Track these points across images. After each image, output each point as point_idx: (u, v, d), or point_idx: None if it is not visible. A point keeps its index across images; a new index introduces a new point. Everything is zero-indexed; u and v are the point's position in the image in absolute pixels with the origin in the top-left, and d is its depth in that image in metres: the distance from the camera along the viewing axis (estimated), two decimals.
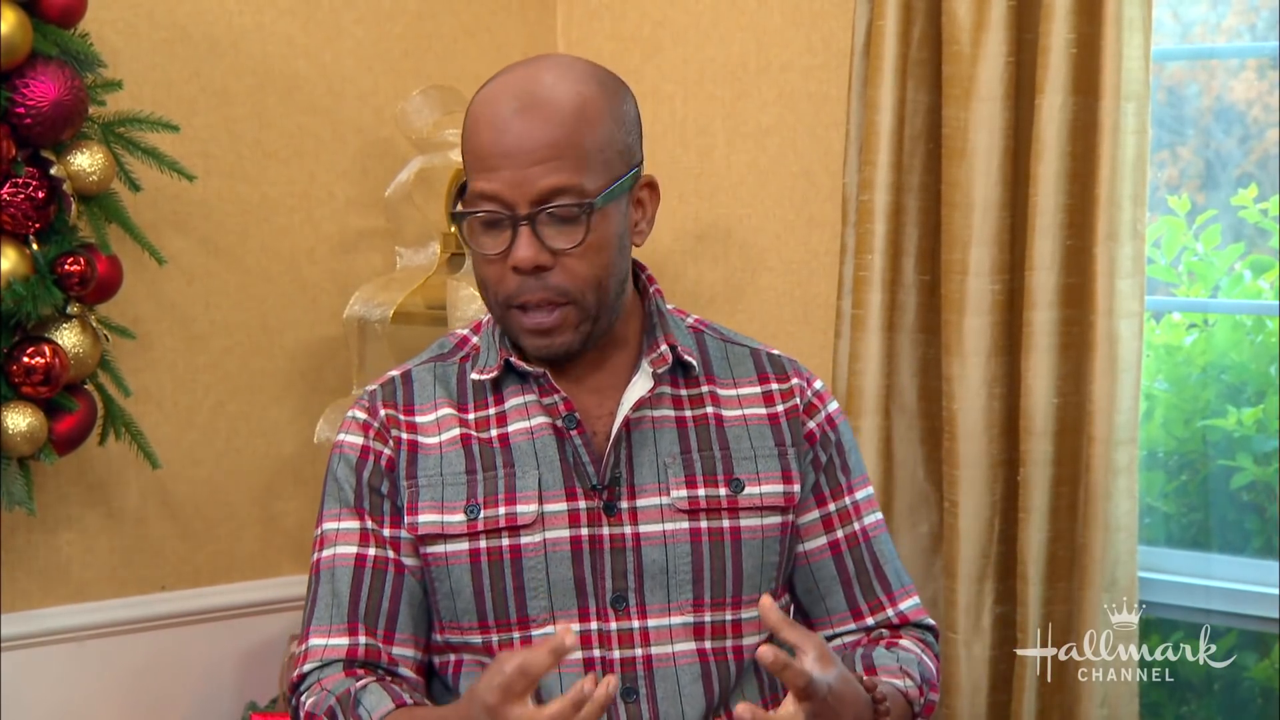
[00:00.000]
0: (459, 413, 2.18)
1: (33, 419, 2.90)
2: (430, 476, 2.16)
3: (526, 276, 2.03)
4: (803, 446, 2.17)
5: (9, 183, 2.86)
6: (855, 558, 2.20)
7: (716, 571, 2.11)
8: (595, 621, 2.11)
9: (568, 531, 2.12)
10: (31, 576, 3.09)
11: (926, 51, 3.02)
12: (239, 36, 3.28)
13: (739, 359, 2.21)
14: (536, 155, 2.00)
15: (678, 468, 2.12)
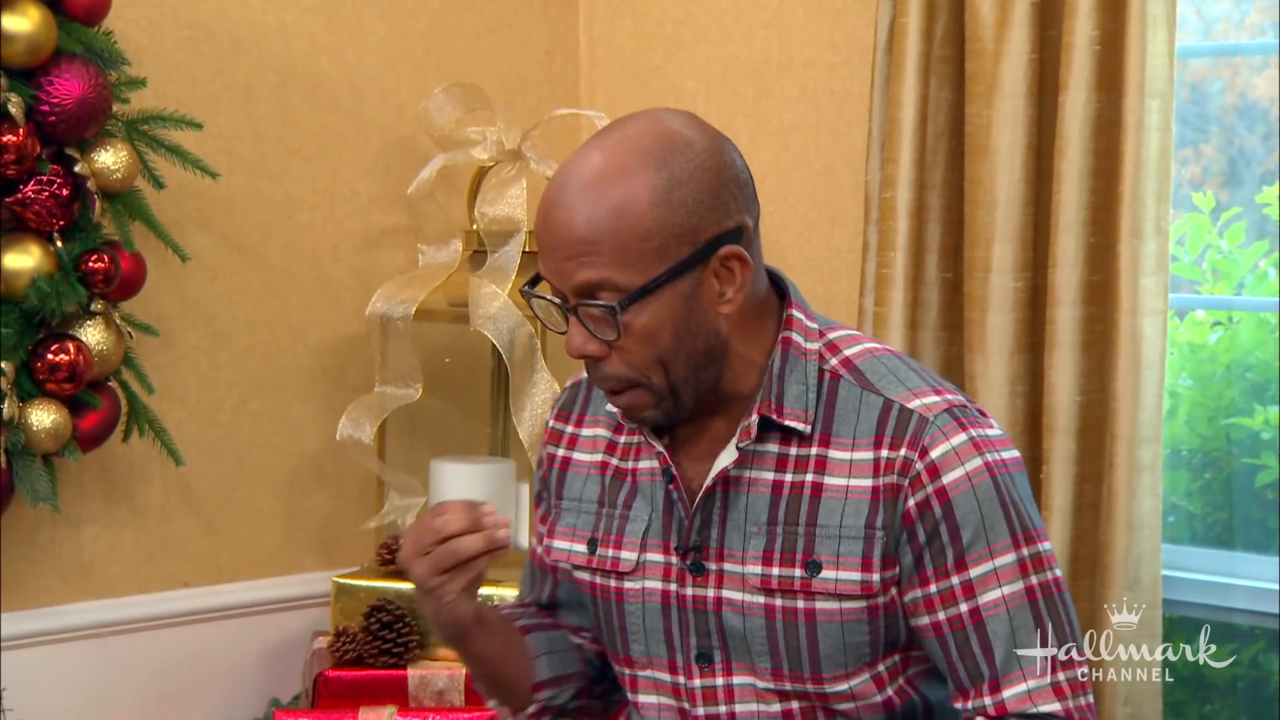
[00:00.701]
0: (613, 434, 2.18)
1: (57, 416, 2.92)
2: (572, 501, 2.20)
3: (586, 362, 2.02)
4: (897, 529, 2.02)
5: (33, 180, 2.88)
6: (959, 641, 2.03)
7: (792, 649, 2.05)
8: (682, 676, 2.12)
9: (660, 585, 2.11)
10: (55, 573, 3.11)
11: (949, 49, 3.00)
12: (262, 34, 3.28)
13: (867, 413, 2.05)
14: (569, 250, 1.95)
15: (760, 540, 2.05)
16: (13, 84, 2.83)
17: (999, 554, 2.01)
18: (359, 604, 3.10)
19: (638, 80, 3.62)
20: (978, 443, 2.02)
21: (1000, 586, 2.01)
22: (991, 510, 2.01)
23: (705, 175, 1.97)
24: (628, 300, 1.94)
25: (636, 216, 1.94)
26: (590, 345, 1.98)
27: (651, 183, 1.94)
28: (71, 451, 2.96)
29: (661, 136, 1.98)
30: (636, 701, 2.16)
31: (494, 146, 3.30)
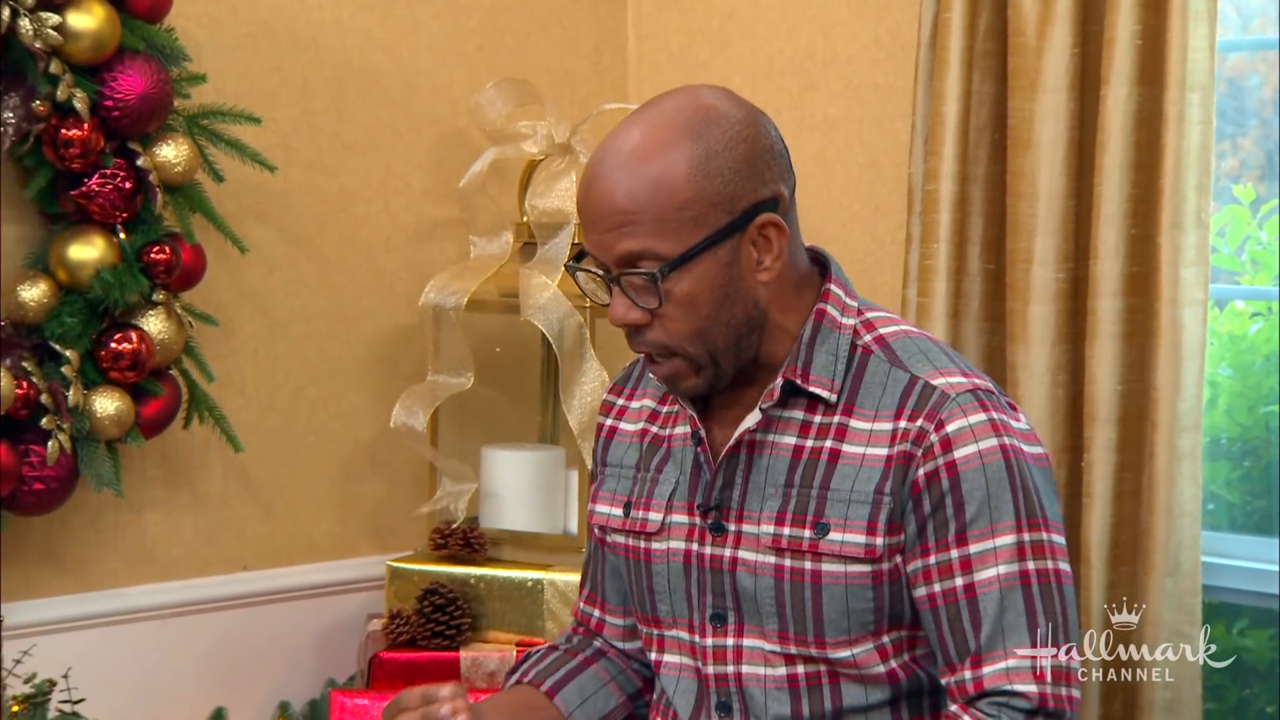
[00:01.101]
0: (657, 404, 2.22)
1: (120, 403, 2.95)
2: (614, 467, 2.24)
3: (628, 331, 2.05)
4: (905, 496, 2.03)
5: (98, 174, 2.91)
6: (950, 614, 2.03)
7: (797, 611, 2.06)
8: (697, 635, 2.14)
9: (683, 545, 2.13)
10: (119, 556, 3.14)
11: (992, 43, 3.00)
12: (319, 31, 3.30)
13: (892, 389, 2.06)
14: (611, 221, 1.99)
15: (775, 501, 2.07)
16: (78, 80, 2.85)
17: (1001, 534, 2.01)
18: (413, 587, 3.12)
19: (684, 75, 3.62)
20: (996, 425, 2.02)
21: (997, 565, 2.01)
22: (999, 490, 2.02)
23: (741, 146, 2.00)
24: (668, 267, 1.98)
25: (674, 188, 1.97)
26: (632, 314, 2.01)
27: (689, 154, 1.98)
28: (134, 438, 2.99)
29: (697, 110, 2.01)
30: (661, 660, 2.19)
31: (544, 140, 3.31)
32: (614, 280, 2.01)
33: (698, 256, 1.98)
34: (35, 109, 2.85)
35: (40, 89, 2.85)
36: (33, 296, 2.91)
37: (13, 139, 2.86)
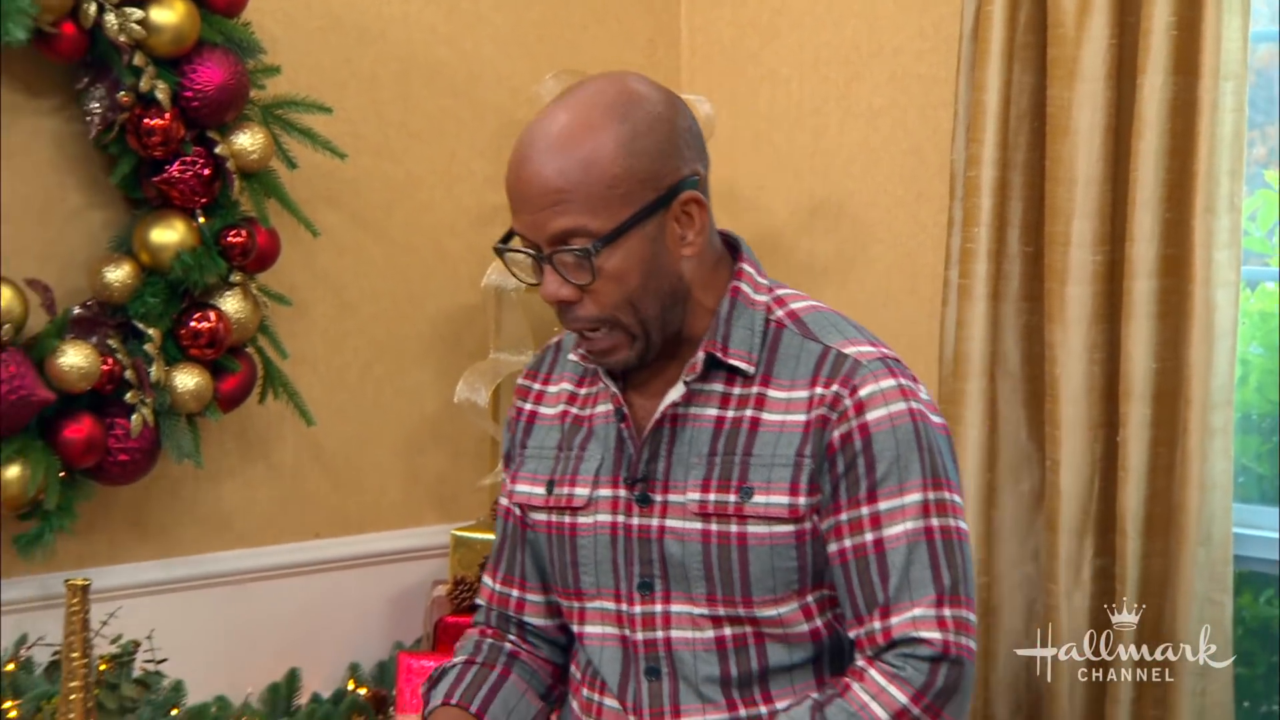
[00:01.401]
0: (575, 387, 2.21)
1: (199, 379, 2.97)
2: (534, 449, 2.22)
3: (560, 307, 2.05)
4: (821, 457, 2.05)
5: (178, 161, 2.93)
6: (859, 568, 2.05)
7: (725, 572, 2.07)
8: (624, 603, 2.13)
9: (610, 517, 2.13)
10: (197, 524, 3.17)
11: (1032, 35, 2.99)
12: (387, 25, 3.32)
13: (806, 359, 2.09)
14: (543, 200, 1.99)
15: (700, 470, 2.08)
16: (160, 72, 2.87)
17: (908, 492, 2.04)
18: (475, 555, 3.13)
19: (735, 66, 3.62)
20: (905, 390, 2.05)
21: (904, 522, 2.04)
22: (908, 451, 2.04)
23: (663, 126, 2.02)
24: (601, 243, 1.98)
25: (603, 166, 1.98)
26: (564, 290, 2.01)
27: (615, 135, 1.99)
28: (212, 412, 3.01)
29: (620, 94, 2.02)
30: (583, 633, 2.18)
31: None
32: (546, 259, 2.01)
33: (628, 233, 1.99)
34: (120, 99, 2.87)
35: (125, 81, 2.87)
36: (117, 278, 2.93)
37: (99, 128, 2.89)
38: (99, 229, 3.01)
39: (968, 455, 3.05)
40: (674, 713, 2.11)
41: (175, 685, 2.97)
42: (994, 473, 3.06)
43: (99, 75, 2.89)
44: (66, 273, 2.98)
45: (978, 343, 3.05)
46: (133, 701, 2.90)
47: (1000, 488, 3.07)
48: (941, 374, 3.11)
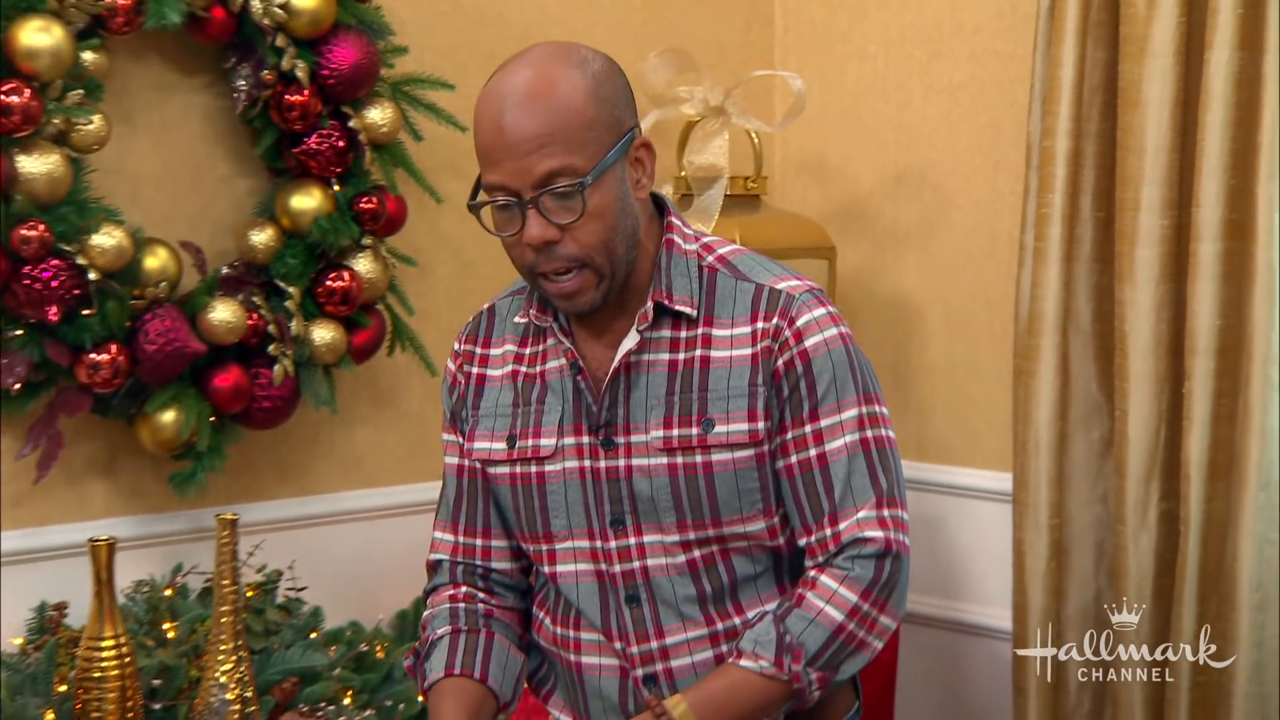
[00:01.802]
0: (519, 348, 2.22)
1: (334, 333, 3.00)
2: (488, 408, 2.22)
3: (541, 250, 2.03)
4: (771, 383, 2.10)
5: (316, 134, 2.94)
6: (806, 480, 2.11)
7: (693, 499, 2.10)
8: (599, 540, 2.16)
9: (577, 463, 2.15)
10: (333, 466, 3.18)
11: (1105, 14, 2.98)
12: (504, 8, 3.32)
13: (742, 298, 2.12)
14: (530, 145, 1.99)
15: (660, 409, 2.11)
16: (300, 52, 2.89)
17: (845, 408, 2.10)
18: None
19: (825, 44, 3.62)
20: (834, 317, 2.12)
21: (844, 435, 2.10)
22: (843, 371, 2.11)
23: (616, 77, 2.09)
24: (590, 178, 1.99)
25: (578, 109, 2.00)
26: (549, 231, 2.02)
27: (582, 82, 2.03)
28: (346, 363, 3.04)
29: (570, 51, 2.06)
30: (555, 573, 2.19)
31: (700, 104, 3.32)
32: (531, 203, 2.01)
33: (607, 170, 2.02)
34: (264, 78, 2.89)
35: (268, 60, 2.88)
36: (261, 240, 2.95)
37: (245, 104, 2.91)
38: (245, 196, 3.03)
39: (1041, 406, 3.07)
40: (657, 634, 2.15)
41: (314, 611, 2.99)
42: (1066, 422, 3.07)
43: (245, 55, 2.91)
44: (216, 236, 2.99)
45: (1051, 302, 3.06)
46: (276, 625, 2.92)
47: (1071, 436, 3.08)
48: (1017, 331, 3.11)
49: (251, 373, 2.92)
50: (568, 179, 2.00)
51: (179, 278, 2.86)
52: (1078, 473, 3.08)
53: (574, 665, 2.21)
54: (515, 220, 2.03)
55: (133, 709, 2.62)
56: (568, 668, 2.22)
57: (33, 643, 2.77)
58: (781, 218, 3.44)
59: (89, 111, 2.71)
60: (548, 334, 2.17)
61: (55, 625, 2.80)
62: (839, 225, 3.56)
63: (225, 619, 2.61)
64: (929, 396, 3.50)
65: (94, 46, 2.72)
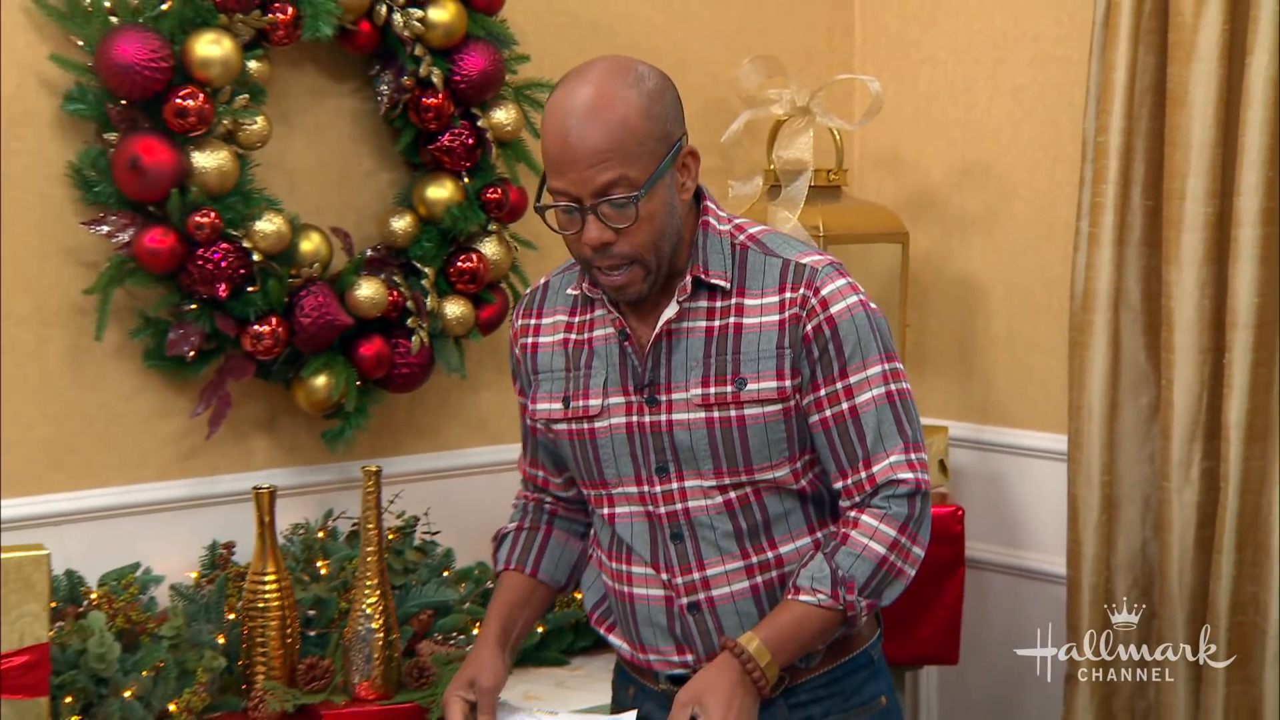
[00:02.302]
0: (568, 317, 2.24)
1: (464, 308, 3.02)
2: (544, 372, 2.25)
3: (598, 250, 2.07)
4: (799, 347, 2.11)
5: (448, 132, 2.96)
6: (840, 431, 2.13)
7: (729, 449, 2.13)
8: (646, 485, 2.19)
9: (624, 419, 2.17)
10: (462, 425, 3.19)
11: (1155, 21, 2.97)
12: (613, 20, 3.32)
13: (771, 271, 2.14)
14: (591, 159, 2.01)
15: (698, 370, 2.13)
16: (435, 60, 2.91)
17: (870, 365, 2.13)
18: None
19: (899, 51, 3.62)
20: (853, 286, 2.15)
21: (871, 390, 2.13)
22: (865, 333, 2.13)
23: (667, 94, 2.09)
24: (643, 190, 2.02)
25: (633, 127, 2.02)
26: (606, 234, 2.04)
27: (637, 101, 2.04)
28: (474, 335, 3.05)
29: (628, 70, 2.07)
30: (613, 514, 2.23)
31: (788, 104, 3.32)
32: (590, 210, 2.03)
33: (657, 181, 2.04)
34: (404, 83, 2.91)
35: (407, 68, 2.90)
36: (400, 226, 2.98)
37: (387, 106, 2.94)
38: (386, 187, 3.04)
39: (1094, 375, 3.06)
40: (699, 567, 2.18)
41: (446, 553, 3.02)
42: (1116, 390, 3.07)
43: (387, 64, 2.93)
44: (361, 222, 3.01)
45: (1104, 282, 3.05)
46: (413, 564, 2.96)
47: (1121, 403, 3.07)
48: (1072, 308, 3.11)
49: (392, 343, 2.93)
50: (624, 190, 2.02)
51: (330, 259, 2.88)
52: (1127, 435, 3.07)
53: (627, 597, 2.24)
54: (576, 222, 2.06)
55: (291, 635, 2.67)
56: (622, 599, 2.25)
57: (206, 576, 2.82)
58: (860, 206, 3.45)
59: (253, 113, 2.75)
60: (596, 305, 2.20)
61: (224, 562, 2.84)
62: (911, 213, 3.55)
63: (370, 558, 2.63)
64: (992, 366, 3.49)
65: (258, 56, 2.76)
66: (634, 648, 2.27)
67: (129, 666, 2.56)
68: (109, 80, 2.63)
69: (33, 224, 2.71)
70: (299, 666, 2.68)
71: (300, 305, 2.81)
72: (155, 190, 2.67)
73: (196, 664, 2.61)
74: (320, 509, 3.00)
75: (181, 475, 2.88)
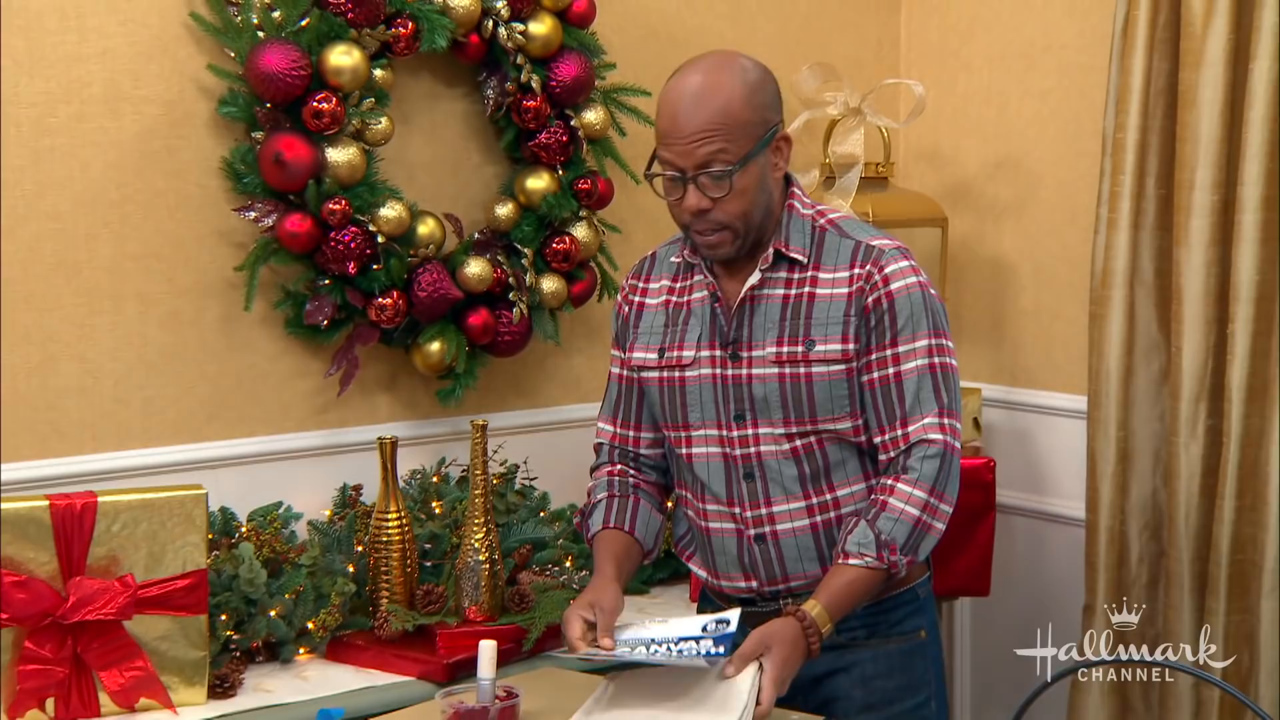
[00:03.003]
0: (671, 282, 2.28)
1: (558, 284, 3.03)
2: (645, 327, 2.29)
3: (695, 215, 2.12)
4: (861, 316, 2.14)
5: (545, 131, 2.97)
6: (884, 392, 2.15)
7: (797, 401, 2.16)
8: (725, 430, 2.21)
9: (710, 370, 2.20)
10: (556, 385, 3.20)
11: (1168, 32, 2.95)
12: (689, 33, 3.31)
13: (844, 250, 2.17)
14: (695, 136, 2.07)
15: (774, 331, 2.16)
16: (534, 68, 2.92)
17: (919, 339, 2.15)
18: None
19: (940, 59, 3.60)
20: (915, 269, 2.18)
21: (916, 359, 2.14)
22: (918, 311, 2.15)
23: (768, 85, 2.15)
24: (738, 166, 2.07)
25: (734, 112, 2.07)
26: (704, 202, 2.09)
27: (739, 90, 2.09)
28: (567, 307, 3.05)
29: (735, 60, 2.13)
30: (691, 454, 2.24)
31: (842, 106, 3.32)
32: (691, 180, 2.08)
33: (751, 159, 2.08)
34: (507, 88, 2.93)
35: (510, 75, 2.92)
36: (503, 213, 2.98)
37: (492, 108, 2.95)
38: (491, 179, 3.05)
39: (1111, 343, 3.04)
40: (766, 504, 2.21)
41: (543, 495, 3.02)
42: (1131, 356, 3.05)
43: (493, 71, 2.94)
44: (470, 209, 3.01)
45: (1120, 261, 3.03)
46: (515, 505, 2.97)
47: (1135, 368, 3.06)
48: (1092, 284, 3.09)
49: (496, 314, 2.95)
50: (721, 165, 2.07)
51: (443, 241, 2.88)
52: (1140, 396, 3.06)
53: (705, 530, 2.27)
54: (679, 190, 2.11)
55: (410, 566, 2.69)
56: (701, 531, 2.28)
57: (338, 514, 2.84)
58: (904, 195, 3.44)
59: (378, 115, 2.76)
60: (695, 272, 2.24)
61: (353, 502, 2.87)
62: (950, 201, 3.54)
63: (478, 500, 2.64)
64: (1021, 335, 3.47)
65: (382, 65, 2.77)
66: (710, 573, 2.31)
67: (273, 590, 2.61)
68: (256, 86, 2.66)
69: (193, 211, 2.76)
70: (417, 592, 2.69)
71: (418, 281, 2.82)
72: (295, 181, 2.69)
73: (330, 589, 2.65)
74: (434, 457, 3.00)
75: (317, 427, 2.91)
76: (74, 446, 2.67)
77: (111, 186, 2.69)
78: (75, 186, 2.65)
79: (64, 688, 2.37)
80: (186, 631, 2.42)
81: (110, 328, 2.70)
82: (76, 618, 2.34)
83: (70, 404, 2.68)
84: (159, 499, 2.38)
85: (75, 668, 2.37)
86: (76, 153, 2.65)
